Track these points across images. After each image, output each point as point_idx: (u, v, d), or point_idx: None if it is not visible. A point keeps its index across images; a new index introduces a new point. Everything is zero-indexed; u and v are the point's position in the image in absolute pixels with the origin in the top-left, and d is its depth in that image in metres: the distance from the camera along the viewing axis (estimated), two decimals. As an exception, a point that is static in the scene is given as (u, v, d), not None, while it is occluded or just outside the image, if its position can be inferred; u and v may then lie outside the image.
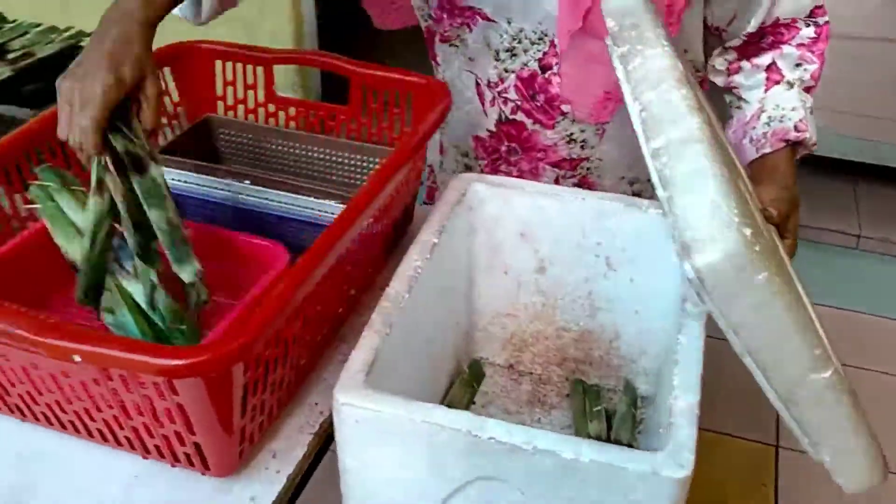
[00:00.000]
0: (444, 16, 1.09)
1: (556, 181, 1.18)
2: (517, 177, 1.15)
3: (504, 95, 1.13)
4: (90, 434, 0.82)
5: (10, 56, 1.27)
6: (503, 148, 1.18)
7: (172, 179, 1.13)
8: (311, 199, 1.05)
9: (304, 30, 2.88)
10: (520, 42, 1.07)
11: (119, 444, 0.82)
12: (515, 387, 1.03)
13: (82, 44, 1.36)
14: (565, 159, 1.16)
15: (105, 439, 0.82)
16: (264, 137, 1.22)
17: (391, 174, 0.93)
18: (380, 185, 0.91)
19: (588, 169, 1.17)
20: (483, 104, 1.16)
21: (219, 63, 1.22)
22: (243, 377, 0.74)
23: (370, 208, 0.89)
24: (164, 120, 1.21)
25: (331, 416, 0.85)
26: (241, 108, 1.25)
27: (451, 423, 0.68)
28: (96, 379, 0.75)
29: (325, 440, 0.89)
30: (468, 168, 1.24)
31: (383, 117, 1.18)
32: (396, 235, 1.13)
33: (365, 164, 1.16)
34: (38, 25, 1.41)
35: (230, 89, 1.24)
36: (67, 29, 1.39)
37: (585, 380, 1.03)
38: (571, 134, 1.13)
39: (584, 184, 1.18)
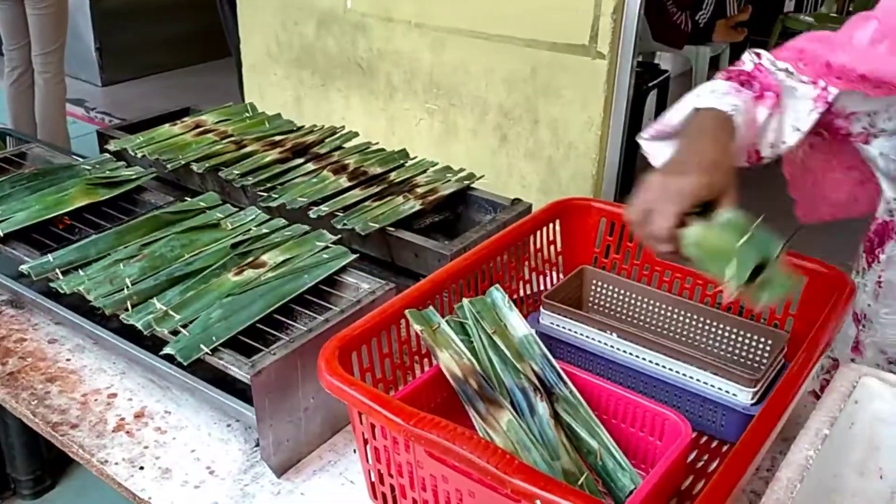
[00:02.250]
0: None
1: None
2: None
3: None
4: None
5: (419, 191, 1.43)
6: None
7: (551, 323, 1.22)
8: (700, 371, 1.07)
9: (604, 175, 3.01)
10: None
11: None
12: None
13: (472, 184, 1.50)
14: None
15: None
16: (635, 295, 1.26)
17: (805, 373, 0.93)
18: (797, 383, 0.91)
19: None
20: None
21: (604, 220, 1.31)
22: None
23: (788, 409, 0.89)
24: (546, 265, 1.31)
25: None
26: (615, 263, 1.32)
27: None
28: (531, 521, 0.80)
29: None
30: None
31: (767, 297, 1.18)
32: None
33: (744, 341, 1.16)
34: (436, 163, 1.60)
35: (609, 245, 1.31)
36: (461, 169, 1.56)
37: None
38: None
39: None
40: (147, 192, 1.48)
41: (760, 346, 1.16)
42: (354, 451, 1.12)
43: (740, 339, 1.18)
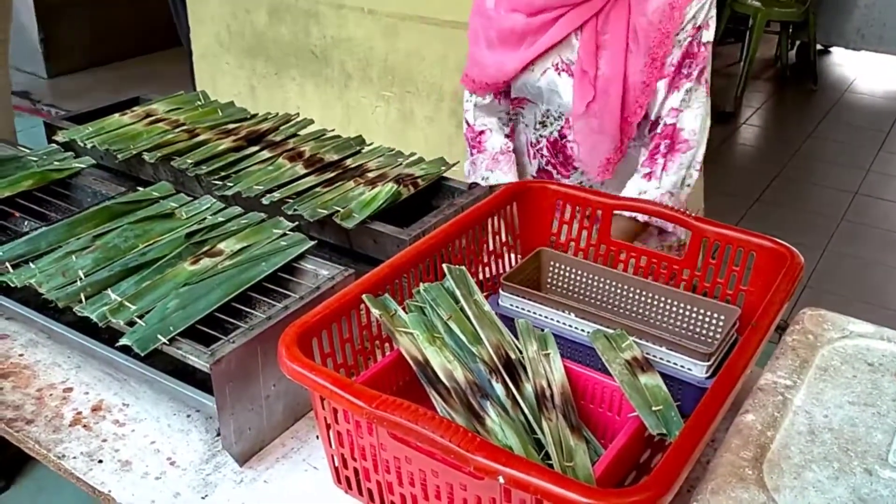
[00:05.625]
0: (510, 103, 1.65)
1: None
2: None
3: (540, 152, 1.65)
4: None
5: (370, 176, 1.43)
6: None
7: (510, 305, 1.23)
8: (656, 347, 1.09)
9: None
10: (548, 118, 1.60)
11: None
12: None
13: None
14: None
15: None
16: (592, 275, 1.28)
17: (757, 346, 0.95)
18: (747, 356, 0.93)
19: None
20: (529, 157, 1.69)
21: (559, 203, 1.32)
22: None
23: (739, 380, 0.91)
24: (505, 248, 1.32)
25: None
26: (572, 245, 1.33)
27: None
28: (493, 497, 0.81)
29: None
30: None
31: (719, 273, 1.21)
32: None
33: (698, 317, 1.19)
34: (392, 149, 1.60)
35: (565, 227, 1.33)
36: (412, 154, 1.57)
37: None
38: (581, 182, 1.63)
39: None
40: (98, 183, 1.45)
41: (714, 320, 1.19)
42: (317, 436, 1.12)
43: (694, 314, 1.20)
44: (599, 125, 1.50)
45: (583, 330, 1.17)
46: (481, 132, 1.66)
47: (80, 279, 1.11)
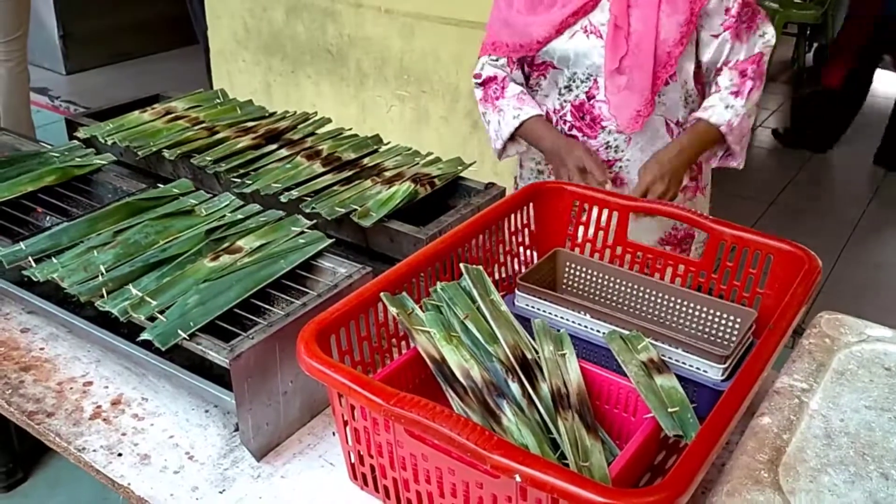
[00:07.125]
0: (531, 71, 1.65)
1: None
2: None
3: (563, 119, 1.62)
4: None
5: (387, 175, 1.44)
6: None
7: (526, 305, 1.23)
8: (672, 349, 1.09)
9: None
10: (573, 81, 1.59)
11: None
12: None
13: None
14: (604, 160, 1.60)
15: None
16: (608, 276, 1.28)
17: (774, 350, 0.95)
18: (764, 360, 0.93)
19: (620, 167, 1.61)
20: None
21: (576, 203, 1.32)
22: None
23: (756, 383, 0.91)
24: (521, 248, 1.33)
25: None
26: (588, 245, 1.34)
27: None
28: (509, 496, 0.82)
29: None
30: (540, 174, 1.72)
31: (736, 275, 1.21)
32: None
33: (714, 319, 1.19)
34: (409, 149, 1.61)
35: (581, 228, 1.33)
36: (429, 154, 1.57)
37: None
38: (608, 142, 1.60)
39: (616, 179, 1.62)
40: (119, 180, 1.47)
41: (730, 323, 1.19)
42: (333, 433, 1.13)
43: (710, 317, 1.20)
44: (629, 81, 1.52)
45: (598, 331, 1.17)
46: (504, 77, 1.65)
47: (102, 274, 1.12)
